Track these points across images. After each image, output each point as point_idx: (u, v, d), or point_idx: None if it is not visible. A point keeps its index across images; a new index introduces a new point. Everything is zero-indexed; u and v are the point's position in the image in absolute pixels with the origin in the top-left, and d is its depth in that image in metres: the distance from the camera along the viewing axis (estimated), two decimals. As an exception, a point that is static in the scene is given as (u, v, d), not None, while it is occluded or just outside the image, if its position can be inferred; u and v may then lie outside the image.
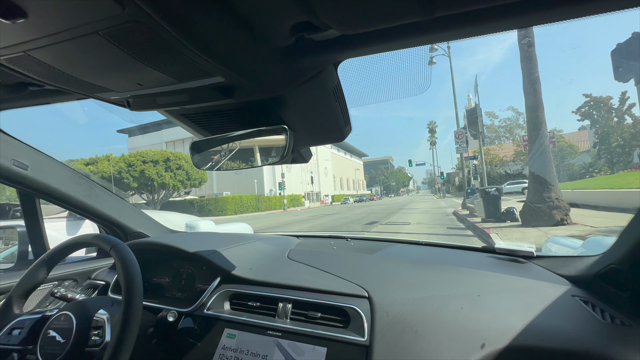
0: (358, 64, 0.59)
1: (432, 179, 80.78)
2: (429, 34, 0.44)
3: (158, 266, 1.10)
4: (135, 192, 20.34)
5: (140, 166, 19.67)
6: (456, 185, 43.87)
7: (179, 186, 21.02)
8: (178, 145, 38.94)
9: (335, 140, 0.74)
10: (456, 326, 0.67)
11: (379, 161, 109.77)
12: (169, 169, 20.75)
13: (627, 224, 0.66)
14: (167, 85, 0.52)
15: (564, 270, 0.87)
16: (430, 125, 66.69)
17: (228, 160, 0.70)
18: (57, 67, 0.46)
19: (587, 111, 27.73)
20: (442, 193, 37.73)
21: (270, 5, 0.38)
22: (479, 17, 0.41)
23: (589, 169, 25.54)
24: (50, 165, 1.07)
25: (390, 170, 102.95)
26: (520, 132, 33.64)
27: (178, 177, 21.01)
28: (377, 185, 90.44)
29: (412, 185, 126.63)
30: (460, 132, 13.42)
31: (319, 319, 0.78)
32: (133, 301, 0.65)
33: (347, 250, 1.28)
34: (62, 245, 0.80)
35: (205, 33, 0.40)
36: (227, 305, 0.90)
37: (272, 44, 0.46)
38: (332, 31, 0.44)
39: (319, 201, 43.96)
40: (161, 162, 20.64)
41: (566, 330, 0.64)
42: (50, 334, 0.68)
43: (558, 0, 0.38)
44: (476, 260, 1.03)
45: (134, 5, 0.33)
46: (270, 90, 0.58)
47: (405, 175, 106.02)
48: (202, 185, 23.40)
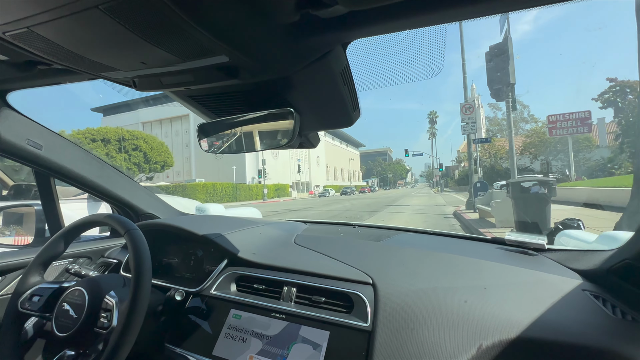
0: (367, 45, 0.57)
1: (430, 172, 78.21)
2: (442, 9, 0.41)
3: (168, 247, 1.12)
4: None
5: (88, 145, 16.65)
6: (455, 179, 41.28)
7: (134, 170, 18.03)
8: (155, 127, 36.51)
9: (343, 125, 0.72)
10: (460, 318, 0.66)
11: (377, 152, 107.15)
12: (123, 150, 17.72)
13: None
14: (172, 65, 0.52)
15: (575, 264, 0.85)
16: (431, 115, 63.82)
17: (234, 143, 0.70)
18: (60, 43, 0.46)
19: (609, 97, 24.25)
20: (440, 187, 34.74)
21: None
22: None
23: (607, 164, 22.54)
24: (63, 146, 1.08)
25: (388, 162, 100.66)
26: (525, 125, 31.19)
27: (134, 159, 18.04)
28: (374, 177, 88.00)
29: (410, 178, 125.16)
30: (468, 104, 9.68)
31: (322, 303, 0.79)
32: (141, 287, 0.66)
33: (353, 237, 1.30)
34: (79, 222, 0.83)
35: (206, 8, 0.40)
36: (233, 286, 0.92)
37: (276, 20, 0.45)
38: (339, 7, 0.42)
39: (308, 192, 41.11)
40: (114, 141, 17.65)
41: (575, 324, 0.63)
42: (64, 307, 0.72)
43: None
44: (485, 252, 1.00)
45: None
46: (276, 70, 0.56)
47: (403, 167, 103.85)
48: (165, 169, 20.51)
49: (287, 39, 0.48)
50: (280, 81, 0.59)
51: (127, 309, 0.64)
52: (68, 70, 0.62)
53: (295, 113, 0.61)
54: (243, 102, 0.66)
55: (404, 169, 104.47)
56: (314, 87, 0.61)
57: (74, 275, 0.98)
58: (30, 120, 0.99)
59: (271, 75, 0.57)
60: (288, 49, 0.51)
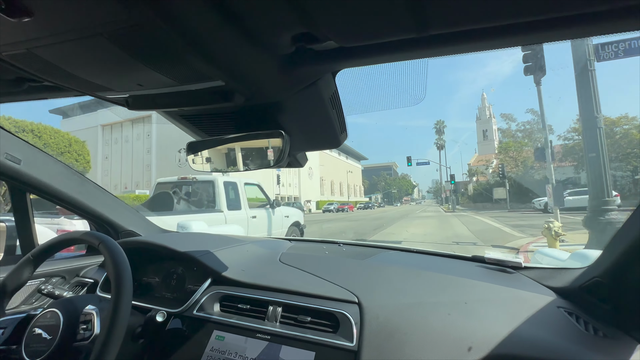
0: (355, 73, 0.61)
1: (437, 188, 71.46)
2: (425, 49, 0.45)
3: (148, 266, 1.07)
4: None
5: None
6: (469, 195, 34.93)
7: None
8: (116, 129, 31.62)
9: (331, 146, 0.73)
10: (443, 333, 0.68)
11: (382, 167, 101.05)
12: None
13: (611, 238, 0.68)
14: (168, 87, 0.53)
15: (550, 282, 0.88)
16: (437, 125, 57.90)
17: (223, 162, 0.71)
18: (60, 65, 0.46)
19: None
20: (452, 204, 27.68)
21: (273, 17, 0.39)
22: (473, 36, 0.42)
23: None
24: (43, 160, 1.06)
25: (393, 177, 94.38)
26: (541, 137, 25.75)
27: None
28: (378, 192, 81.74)
29: (416, 194, 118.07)
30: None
31: (308, 323, 0.78)
32: (123, 292, 0.63)
33: (339, 255, 1.29)
34: (49, 243, 0.77)
35: (209, 40, 0.41)
36: (216, 307, 0.89)
37: (273, 52, 0.48)
38: (331, 42, 0.45)
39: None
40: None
41: (550, 340, 0.65)
42: (35, 332, 0.67)
43: (549, 23, 0.39)
44: (466, 269, 1.02)
45: (139, 8, 0.34)
46: (269, 96, 0.59)
47: (409, 182, 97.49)
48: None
49: (281, 68, 0.50)
50: (272, 105, 0.61)
51: (110, 314, 0.60)
52: (58, 87, 0.60)
53: (286, 135, 0.63)
54: (234, 123, 0.67)
55: (409, 184, 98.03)
56: (304, 111, 0.63)
57: (47, 296, 0.90)
58: (10, 133, 0.97)
59: (264, 99, 0.59)
60: (282, 76, 0.53)
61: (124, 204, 1.34)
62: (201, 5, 0.35)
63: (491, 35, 0.41)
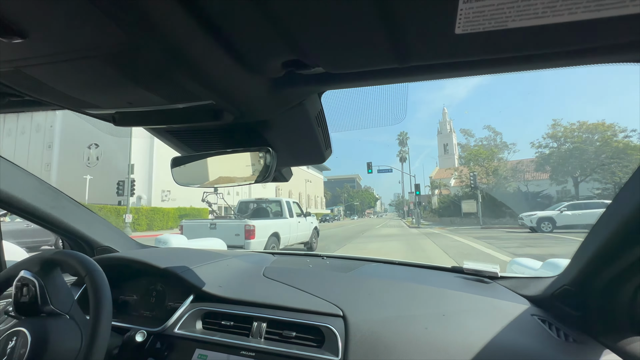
0: (341, 93, 0.63)
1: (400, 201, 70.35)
2: (406, 75, 0.49)
3: (126, 283, 1.04)
4: None
5: None
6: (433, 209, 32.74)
7: None
8: (11, 118, 24.93)
9: (316, 162, 0.76)
10: (423, 344, 0.69)
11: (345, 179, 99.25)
12: None
13: (578, 247, 0.70)
14: (157, 105, 0.53)
15: (524, 291, 0.90)
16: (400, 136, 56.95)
17: (209, 177, 0.71)
18: (50, 84, 0.46)
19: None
20: (417, 218, 24.09)
21: (265, 45, 0.41)
22: (450, 67, 0.46)
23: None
24: (14, 174, 1.00)
25: (356, 189, 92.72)
26: (498, 154, 24.87)
27: None
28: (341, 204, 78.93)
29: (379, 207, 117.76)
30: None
31: (293, 338, 0.78)
32: (101, 328, 0.61)
33: (322, 268, 1.29)
34: (16, 267, 0.70)
35: (202, 63, 0.42)
36: (199, 324, 0.87)
37: (263, 75, 0.49)
38: (320, 68, 0.48)
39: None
40: None
41: (525, 347, 0.67)
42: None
43: (522, 57, 0.43)
44: (445, 280, 1.04)
45: (134, 31, 0.34)
46: (258, 114, 0.60)
47: (371, 195, 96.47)
48: None
49: (270, 89, 0.52)
50: (259, 122, 0.62)
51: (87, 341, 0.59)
52: (39, 102, 0.58)
53: (272, 151, 0.64)
54: (222, 139, 0.68)
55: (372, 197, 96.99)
56: (291, 129, 0.65)
57: (15, 317, 0.81)
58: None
59: (253, 118, 0.60)
60: (270, 97, 0.54)
61: (100, 219, 1.27)
62: (196, 30, 0.36)
63: (466, 67, 0.45)
